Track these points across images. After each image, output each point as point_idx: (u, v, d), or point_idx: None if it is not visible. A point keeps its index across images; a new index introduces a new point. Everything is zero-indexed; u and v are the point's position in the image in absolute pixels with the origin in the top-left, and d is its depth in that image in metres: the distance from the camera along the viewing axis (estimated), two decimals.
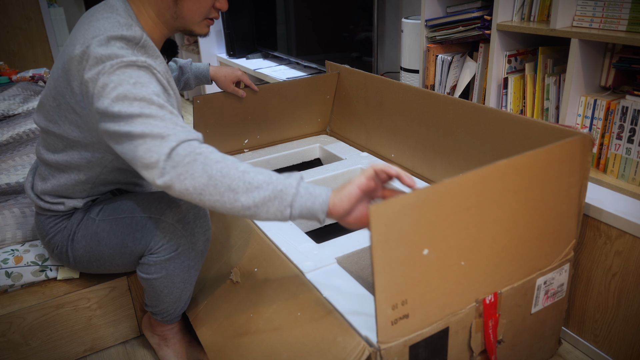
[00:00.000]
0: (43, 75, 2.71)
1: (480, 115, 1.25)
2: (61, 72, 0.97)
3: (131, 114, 0.85)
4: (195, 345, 1.27)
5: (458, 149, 1.34)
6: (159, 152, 0.82)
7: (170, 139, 0.83)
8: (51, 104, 1.01)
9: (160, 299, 1.13)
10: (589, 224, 1.16)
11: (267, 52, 3.04)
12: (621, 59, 1.28)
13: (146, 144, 0.83)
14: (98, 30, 0.93)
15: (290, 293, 1.05)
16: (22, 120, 2.09)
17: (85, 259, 1.15)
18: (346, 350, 0.87)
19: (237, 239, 1.27)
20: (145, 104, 0.86)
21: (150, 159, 0.82)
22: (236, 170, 0.82)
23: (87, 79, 0.89)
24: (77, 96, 0.95)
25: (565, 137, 1.02)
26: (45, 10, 3.44)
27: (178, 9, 1.02)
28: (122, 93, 0.86)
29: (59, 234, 1.15)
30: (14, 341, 1.21)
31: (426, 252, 0.82)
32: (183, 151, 0.82)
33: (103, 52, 0.89)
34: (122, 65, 0.88)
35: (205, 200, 0.82)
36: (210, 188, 0.81)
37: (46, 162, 1.08)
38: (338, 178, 1.54)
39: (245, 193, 0.81)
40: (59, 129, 1.02)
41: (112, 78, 0.87)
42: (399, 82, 1.53)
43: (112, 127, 0.87)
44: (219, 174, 0.81)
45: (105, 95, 0.86)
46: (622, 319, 1.14)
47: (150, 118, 0.85)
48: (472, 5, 1.62)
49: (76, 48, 0.93)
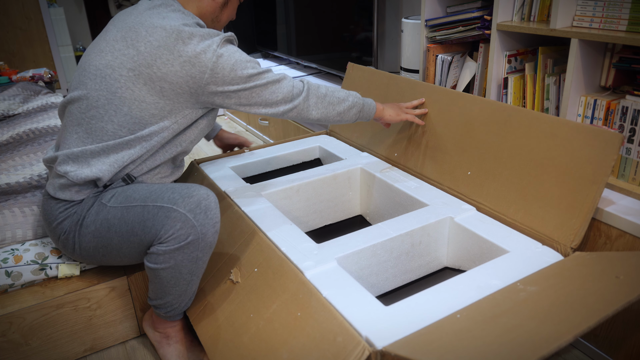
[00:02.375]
0: (43, 75, 2.71)
1: (501, 113, 1.27)
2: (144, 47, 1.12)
3: (250, 74, 1.15)
4: (196, 345, 1.27)
5: (472, 147, 1.34)
6: (284, 89, 1.20)
7: (286, 80, 1.21)
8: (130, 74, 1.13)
9: (166, 291, 1.14)
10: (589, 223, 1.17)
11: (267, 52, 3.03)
12: (621, 59, 1.28)
13: (269, 89, 1.18)
14: (182, 20, 1.14)
15: (290, 293, 1.05)
16: (22, 120, 2.09)
17: (91, 247, 1.15)
18: (346, 350, 0.87)
19: (237, 239, 1.27)
20: (253, 63, 1.17)
21: (278, 96, 1.19)
22: (328, 90, 1.27)
23: (198, 51, 1.10)
24: (168, 67, 1.11)
25: (594, 136, 1.06)
26: (45, 10, 3.44)
27: (220, 14, 1.28)
28: (237, 60, 1.14)
29: (68, 219, 1.16)
30: (14, 341, 1.21)
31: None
32: (300, 85, 1.24)
33: (200, 31, 1.12)
34: (225, 40, 1.15)
35: (316, 113, 1.26)
36: (318, 104, 1.25)
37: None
38: (338, 178, 1.55)
39: (338, 104, 1.28)
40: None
41: (222, 51, 1.12)
42: (419, 82, 1.53)
43: (237, 87, 1.15)
44: (322, 94, 1.26)
45: (224, 64, 1.12)
46: (622, 319, 1.14)
47: (262, 73, 1.17)
48: (472, 5, 1.62)
49: (162, 30, 1.11)
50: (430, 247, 1.28)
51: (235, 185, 1.48)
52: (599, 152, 1.06)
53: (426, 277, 1.32)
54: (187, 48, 1.10)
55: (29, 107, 2.24)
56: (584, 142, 1.09)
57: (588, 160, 1.08)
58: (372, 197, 1.56)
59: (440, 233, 1.27)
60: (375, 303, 0.97)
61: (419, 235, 1.24)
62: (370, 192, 1.56)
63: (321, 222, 1.60)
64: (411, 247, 1.24)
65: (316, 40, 2.50)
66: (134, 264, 1.23)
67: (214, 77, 1.12)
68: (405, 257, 1.24)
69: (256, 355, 1.00)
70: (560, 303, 0.83)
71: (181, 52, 1.10)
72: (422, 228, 1.23)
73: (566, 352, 1.25)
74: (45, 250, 1.30)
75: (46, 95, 2.42)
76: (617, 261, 0.94)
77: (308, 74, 2.51)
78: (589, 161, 1.08)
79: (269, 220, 1.28)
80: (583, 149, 1.09)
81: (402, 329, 0.89)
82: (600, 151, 1.06)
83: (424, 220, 1.25)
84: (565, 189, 1.11)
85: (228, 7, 1.28)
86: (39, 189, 1.54)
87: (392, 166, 1.56)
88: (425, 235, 1.25)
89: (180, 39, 1.10)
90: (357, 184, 1.60)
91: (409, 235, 1.22)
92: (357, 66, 1.74)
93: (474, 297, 0.96)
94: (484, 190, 1.28)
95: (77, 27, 4.44)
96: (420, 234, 1.24)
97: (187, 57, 1.10)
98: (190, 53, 1.10)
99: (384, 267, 1.21)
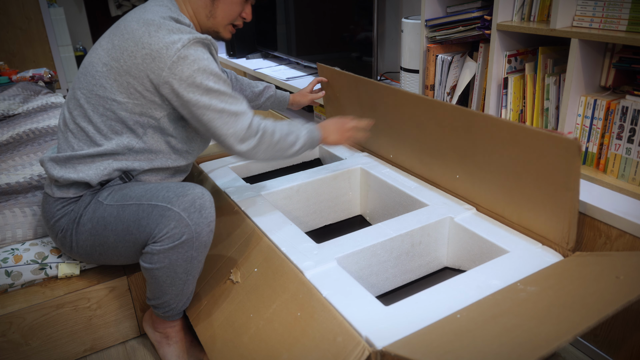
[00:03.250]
0: (43, 75, 2.71)
1: (469, 120, 1.23)
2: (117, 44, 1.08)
3: (210, 88, 1.06)
4: (196, 345, 1.27)
5: (452, 151, 1.32)
6: (236, 127, 1.10)
7: (244, 117, 1.11)
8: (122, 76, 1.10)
9: (162, 291, 1.13)
10: (589, 224, 1.16)
11: (267, 52, 3.03)
12: (621, 59, 1.28)
13: (223, 118, 1.09)
14: (158, 12, 1.09)
15: (290, 293, 1.05)
16: (22, 120, 2.09)
17: (88, 245, 1.15)
18: (346, 350, 0.87)
19: (237, 239, 1.27)
20: (217, 79, 1.07)
21: (228, 130, 1.10)
22: (282, 136, 1.19)
23: (161, 45, 1.03)
24: (137, 59, 1.06)
25: (552, 143, 1.02)
26: (45, 10, 3.44)
27: (213, 9, 1.18)
28: (202, 67, 1.05)
29: (65, 216, 1.16)
30: (14, 341, 1.21)
31: None
32: (254, 128, 1.13)
33: (173, 26, 1.06)
34: (197, 41, 1.06)
35: (267, 158, 1.19)
36: (270, 150, 1.18)
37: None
38: (338, 178, 1.55)
39: (289, 149, 1.21)
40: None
41: (190, 51, 1.04)
42: (388, 85, 1.52)
43: (192, 97, 1.06)
44: (274, 141, 1.17)
45: (187, 65, 1.03)
46: (622, 319, 1.14)
47: (224, 95, 1.08)
48: (472, 5, 1.62)
49: (135, 23, 1.07)
50: (430, 247, 1.27)
51: (235, 185, 1.48)
52: (562, 160, 1.02)
53: (426, 277, 1.32)
54: (151, 40, 1.04)
55: (29, 107, 2.24)
56: (545, 150, 1.05)
57: (555, 168, 1.04)
58: (372, 197, 1.56)
59: (440, 233, 1.27)
60: (375, 303, 0.97)
61: (419, 235, 1.23)
62: (370, 192, 1.56)
63: (321, 222, 1.60)
64: (411, 247, 1.24)
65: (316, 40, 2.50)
66: (130, 263, 1.22)
67: (171, 77, 1.05)
68: (405, 257, 1.24)
69: (256, 355, 1.00)
70: (560, 303, 0.83)
71: (145, 43, 1.05)
72: (422, 228, 1.23)
73: (566, 352, 1.25)
74: (45, 249, 1.30)
75: (46, 95, 2.42)
76: (617, 261, 0.94)
77: (308, 74, 2.51)
78: (557, 168, 1.04)
79: (269, 220, 1.28)
80: (546, 157, 1.05)
81: (402, 329, 0.89)
82: (563, 159, 1.02)
83: (424, 220, 1.25)
84: (545, 194, 1.09)
85: (222, 2, 1.19)
86: (39, 189, 1.54)
87: (392, 166, 1.56)
88: (425, 235, 1.25)
89: (147, 31, 1.05)
90: (357, 184, 1.60)
91: (409, 235, 1.22)
92: (325, 67, 1.74)
93: (474, 297, 0.96)
94: (477, 192, 1.27)
95: (77, 27, 4.44)
96: (420, 234, 1.24)
97: (149, 49, 1.04)
98: (154, 46, 1.04)
99: (384, 267, 1.21)
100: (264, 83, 1.64)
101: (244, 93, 1.59)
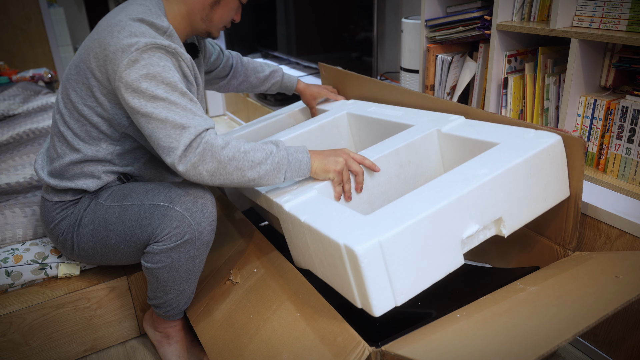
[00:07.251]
0: (43, 75, 2.71)
1: (470, 116, 1.21)
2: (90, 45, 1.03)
3: (157, 95, 0.96)
4: (197, 345, 1.27)
5: None
6: (179, 141, 0.95)
7: (189, 131, 0.96)
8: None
9: (164, 290, 1.13)
10: (589, 224, 1.17)
11: (267, 52, 3.04)
12: (621, 59, 1.28)
13: (166, 129, 0.96)
14: (132, 13, 1.02)
15: (290, 293, 1.05)
16: (22, 120, 2.09)
17: (90, 246, 1.15)
18: (346, 350, 0.87)
19: (237, 239, 1.27)
20: (169, 89, 0.97)
21: (170, 144, 0.96)
22: (239, 152, 0.99)
23: (118, 47, 0.96)
24: (99, 61, 1.01)
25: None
26: (45, 10, 3.45)
27: (211, 13, 1.13)
28: (152, 73, 0.96)
29: (65, 219, 1.16)
30: (14, 341, 1.21)
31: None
32: (196, 143, 0.96)
33: (137, 29, 0.98)
34: (155, 47, 0.98)
35: (216, 181, 1.00)
36: (220, 170, 0.98)
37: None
38: (325, 128, 1.46)
39: (250, 169, 1.00)
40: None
41: (143, 55, 0.96)
42: (391, 84, 1.52)
43: (136, 102, 0.96)
44: (226, 158, 0.97)
45: (135, 69, 0.95)
46: (622, 319, 1.14)
47: (173, 105, 0.96)
48: (472, 5, 1.62)
49: (105, 22, 1.02)
50: (422, 166, 1.18)
51: None
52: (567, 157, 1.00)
53: None
54: (111, 41, 0.98)
55: (29, 107, 2.24)
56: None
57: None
58: (363, 138, 1.48)
59: (429, 149, 1.18)
60: (355, 214, 0.91)
61: (405, 154, 1.14)
62: (360, 134, 1.47)
63: None
64: (400, 167, 1.15)
65: (316, 40, 2.50)
66: (132, 263, 1.22)
67: (119, 80, 0.97)
68: (396, 179, 1.14)
69: (256, 355, 1.00)
70: (560, 302, 0.83)
71: (106, 45, 0.99)
72: (407, 146, 1.14)
73: (566, 352, 1.25)
74: (45, 249, 1.30)
75: (46, 95, 2.42)
76: (617, 261, 0.94)
77: (308, 74, 2.51)
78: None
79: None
80: None
81: (382, 229, 0.85)
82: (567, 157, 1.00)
83: (408, 137, 1.15)
84: None
85: (221, 6, 1.13)
86: (39, 188, 1.55)
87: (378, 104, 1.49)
88: (413, 153, 1.15)
89: (110, 32, 0.99)
90: (347, 130, 1.51)
91: (394, 155, 1.12)
92: (327, 66, 1.73)
93: (460, 190, 0.91)
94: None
95: (77, 27, 4.45)
96: (407, 152, 1.14)
97: (108, 51, 0.98)
98: (111, 47, 0.97)
99: (372, 193, 1.11)
100: (272, 66, 1.58)
101: (248, 79, 1.54)
